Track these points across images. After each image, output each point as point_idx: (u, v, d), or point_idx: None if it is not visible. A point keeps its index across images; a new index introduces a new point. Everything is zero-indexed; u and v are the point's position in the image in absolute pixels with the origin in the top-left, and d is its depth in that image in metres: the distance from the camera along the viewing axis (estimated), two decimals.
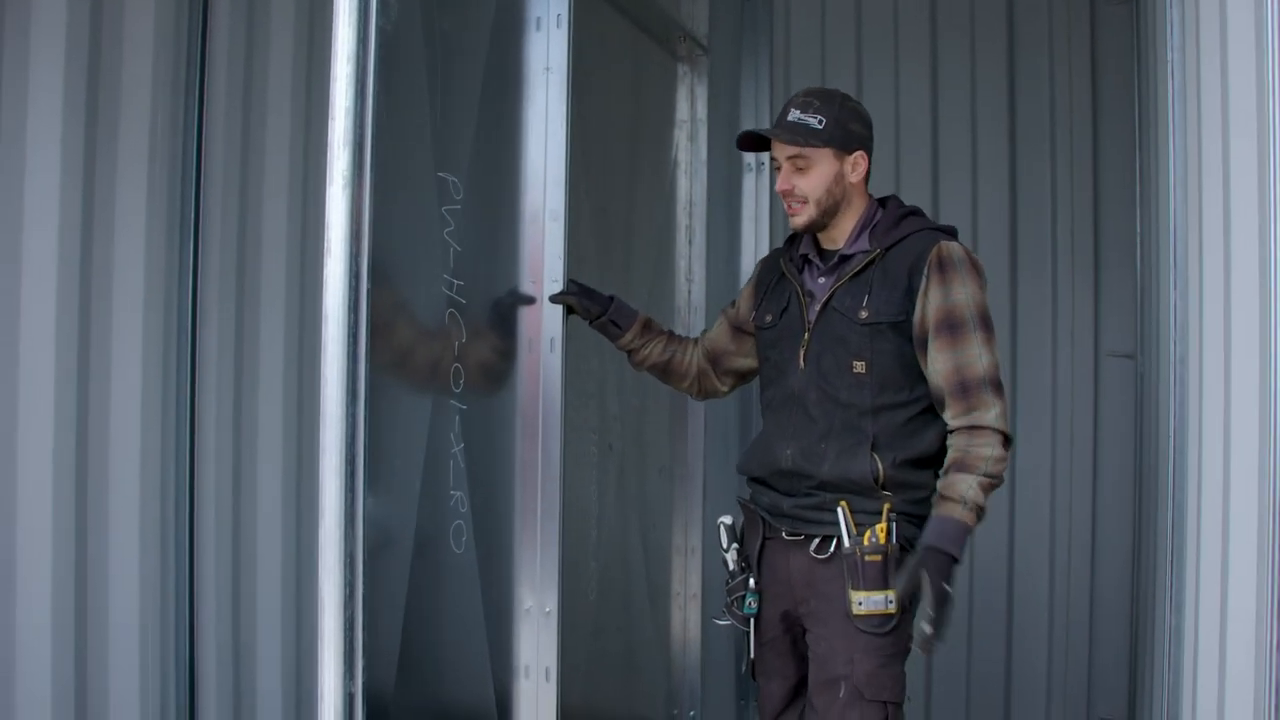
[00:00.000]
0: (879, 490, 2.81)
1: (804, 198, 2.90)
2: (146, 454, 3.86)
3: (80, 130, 3.63)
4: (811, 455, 2.87)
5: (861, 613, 2.77)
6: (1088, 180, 4.73)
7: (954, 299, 2.79)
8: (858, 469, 2.81)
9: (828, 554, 2.84)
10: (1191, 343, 2.74)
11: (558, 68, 2.89)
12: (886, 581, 2.76)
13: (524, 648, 2.85)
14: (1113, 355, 4.64)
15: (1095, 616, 4.73)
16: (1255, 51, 2.15)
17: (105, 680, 3.73)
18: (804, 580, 2.90)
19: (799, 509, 2.90)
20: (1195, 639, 2.66)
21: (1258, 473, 2.09)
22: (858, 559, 2.76)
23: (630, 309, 3.14)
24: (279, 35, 4.33)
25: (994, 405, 2.75)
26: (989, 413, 2.74)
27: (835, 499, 2.83)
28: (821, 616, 2.86)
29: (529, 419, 2.85)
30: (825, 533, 2.85)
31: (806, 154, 2.88)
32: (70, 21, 3.58)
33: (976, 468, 2.72)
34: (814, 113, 2.88)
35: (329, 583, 2.14)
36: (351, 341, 2.17)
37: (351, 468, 2.16)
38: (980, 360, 2.77)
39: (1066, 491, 4.76)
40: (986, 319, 2.82)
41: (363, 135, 2.21)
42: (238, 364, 4.25)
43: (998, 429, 2.74)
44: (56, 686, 3.55)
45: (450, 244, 2.61)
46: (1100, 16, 4.70)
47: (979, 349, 2.77)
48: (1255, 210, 2.15)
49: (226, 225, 4.19)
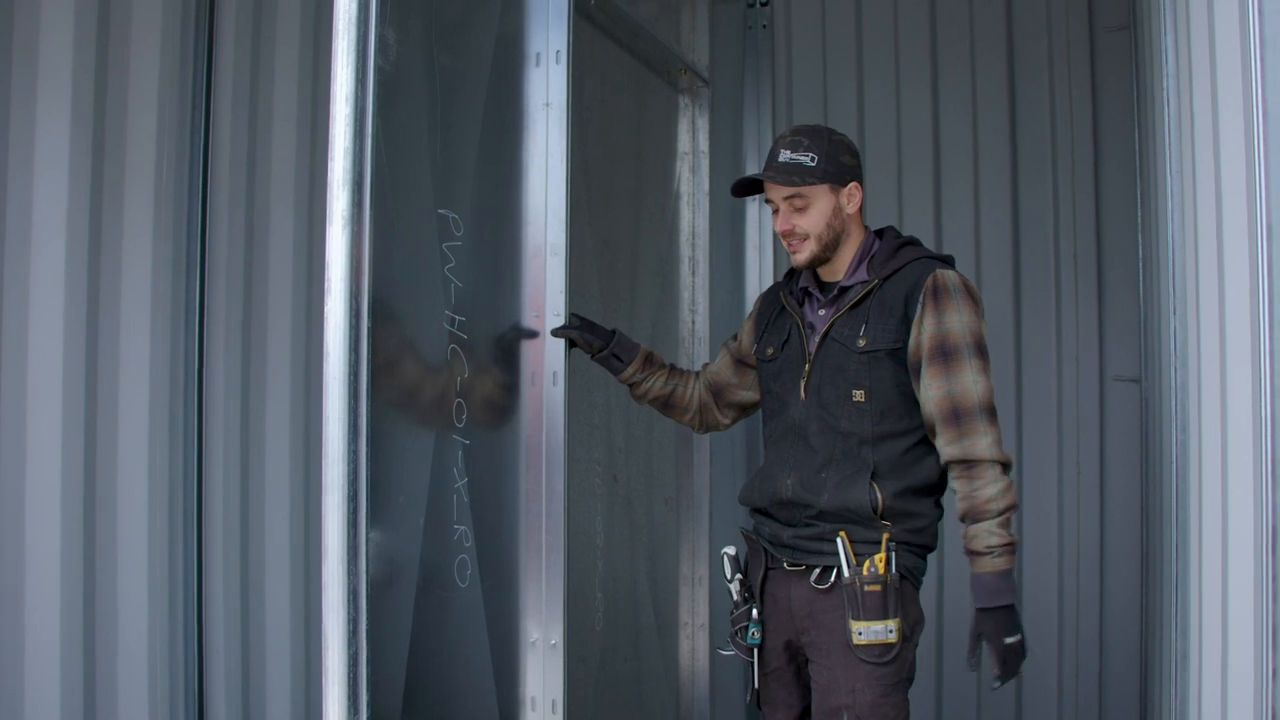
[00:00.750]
0: (878, 520, 2.82)
1: (805, 235, 2.92)
2: (154, 473, 3.87)
3: (87, 152, 3.66)
4: (811, 485, 2.89)
5: (862, 643, 2.77)
6: (1090, 205, 4.74)
7: (948, 326, 2.80)
8: (856, 498, 2.82)
9: (828, 584, 2.85)
10: (1190, 368, 2.74)
11: (557, 103, 2.91)
12: (887, 611, 2.77)
13: (530, 680, 2.85)
14: (1118, 380, 4.64)
15: (1105, 640, 4.71)
16: (1241, 79, 2.16)
17: (114, 698, 3.74)
18: (805, 611, 2.91)
19: (799, 539, 2.91)
20: (1200, 664, 2.65)
21: (1253, 501, 2.09)
22: (857, 589, 2.78)
23: (632, 343, 3.15)
24: (284, 55, 4.37)
25: (987, 434, 2.76)
26: (981, 441, 2.75)
27: (835, 529, 2.84)
28: (823, 647, 2.87)
29: (533, 452, 2.87)
30: (825, 563, 2.86)
31: (803, 192, 2.90)
32: (76, 44, 3.61)
33: (988, 512, 2.73)
34: (805, 150, 2.90)
35: (333, 619, 2.15)
36: (353, 380, 2.19)
37: (354, 505, 2.17)
38: (974, 387, 2.77)
39: (1074, 516, 4.75)
40: (982, 347, 2.82)
41: (362, 175, 2.23)
42: (245, 381, 4.28)
43: (993, 459, 2.74)
44: (65, 708, 3.56)
45: (451, 280, 2.63)
46: (1099, 42, 4.72)
47: (973, 376, 2.78)
48: (1245, 236, 2.16)
49: (233, 244, 4.22)
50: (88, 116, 3.66)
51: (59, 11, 3.58)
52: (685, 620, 3.98)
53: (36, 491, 3.55)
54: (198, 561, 4.06)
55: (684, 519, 3.98)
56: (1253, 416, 2.07)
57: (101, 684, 3.69)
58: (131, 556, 3.80)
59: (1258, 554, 2.04)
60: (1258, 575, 2.04)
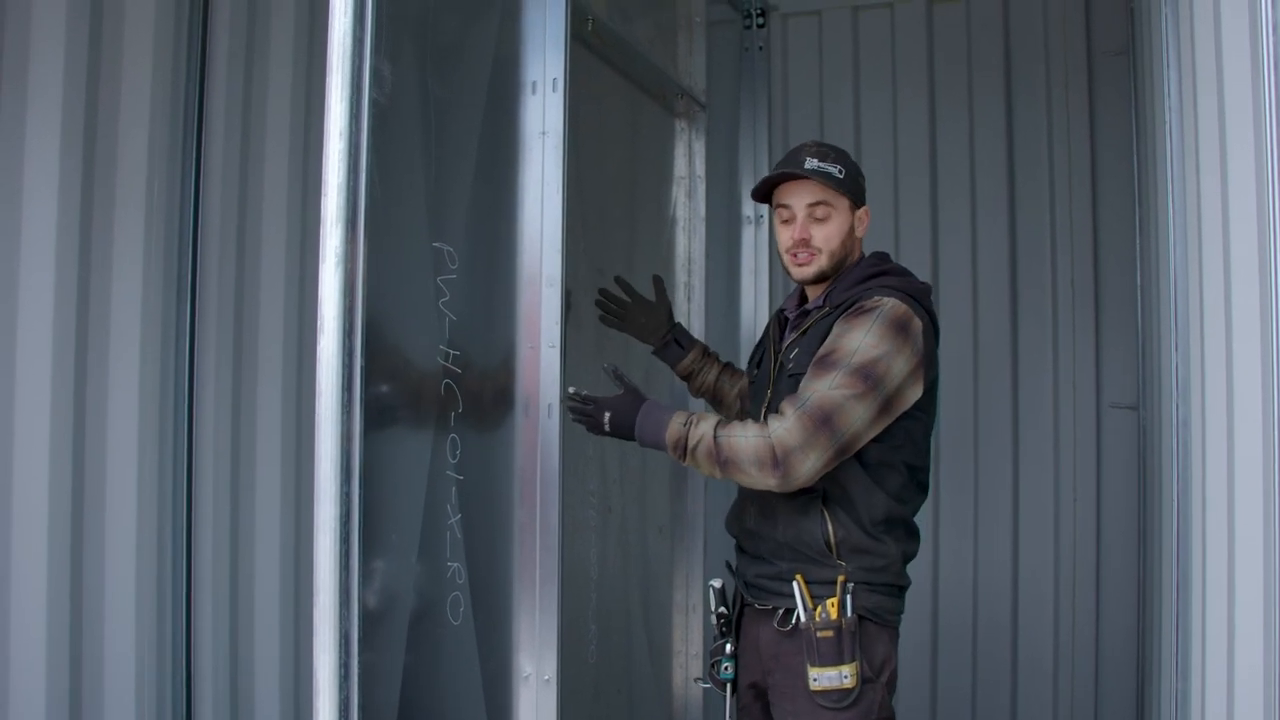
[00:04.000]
0: (833, 558, 2.77)
1: (819, 249, 2.86)
2: (143, 491, 3.82)
3: (77, 171, 3.61)
4: (768, 513, 2.87)
5: (818, 688, 2.73)
6: (1087, 231, 4.72)
7: (844, 340, 2.68)
8: (809, 529, 2.78)
9: (789, 627, 2.81)
10: (1194, 405, 2.72)
11: (554, 131, 2.87)
12: (842, 656, 2.72)
13: (523, 716, 2.81)
14: (1115, 407, 4.61)
15: (1101, 671, 4.68)
16: (1252, 110, 2.15)
17: (100, 698, 3.71)
18: (770, 652, 2.88)
19: (761, 579, 2.89)
20: (1202, 702, 2.63)
21: (1262, 538, 2.07)
22: (812, 634, 2.74)
23: (688, 334, 3.31)
24: (277, 75, 4.33)
25: (789, 420, 2.62)
26: (780, 424, 2.63)
27: (793, 569, 2.80)
28: (786, 690, 2.83)
29: (527, 485, 2.83)
30: (786, 605, 2.82)
31: (831, 200, 2.85)
32: (67, 66, 3.57)
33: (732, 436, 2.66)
34: (832, 162, 2.85)
35: (324, 662, 2.12)
36: (345, 419, 2.15)
37: (346, 546, 2.14)
38: (822, 387, 2.63)
39: (1070, 542, 4.72)
40: (866, 372, 2.63)
41: (355, 211, 2.19)
42: (235, 400, 4.23)
43: (771, 440, 2.62)
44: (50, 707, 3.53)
45: (446, 313, 2.59)
46: (1097, 67, 4.70)
47: (829, 383, 2.63)
48: (1255, 271, 2.14)
49: (224, 265, 4.18)
50: (78, 137, 3.62)
51: (49, 32, 3.54)
52: (679, 649, 3.95)
53: (24, 508, 3.50)
54: (186, 577, 4.02)
55: (678, 547, 3.95)
56: (1262, 458, 2.05)
57: (88, 697, 3.65)
58: (120, 574, 3.76)
59: (1268, 594, 2.01)
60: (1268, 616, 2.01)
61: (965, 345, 4.75)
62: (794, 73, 5.08)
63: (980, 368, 4.78)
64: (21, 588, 3.49)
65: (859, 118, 5.02)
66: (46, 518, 3.52)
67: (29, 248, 3.54)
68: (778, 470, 2.61)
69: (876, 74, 5.00)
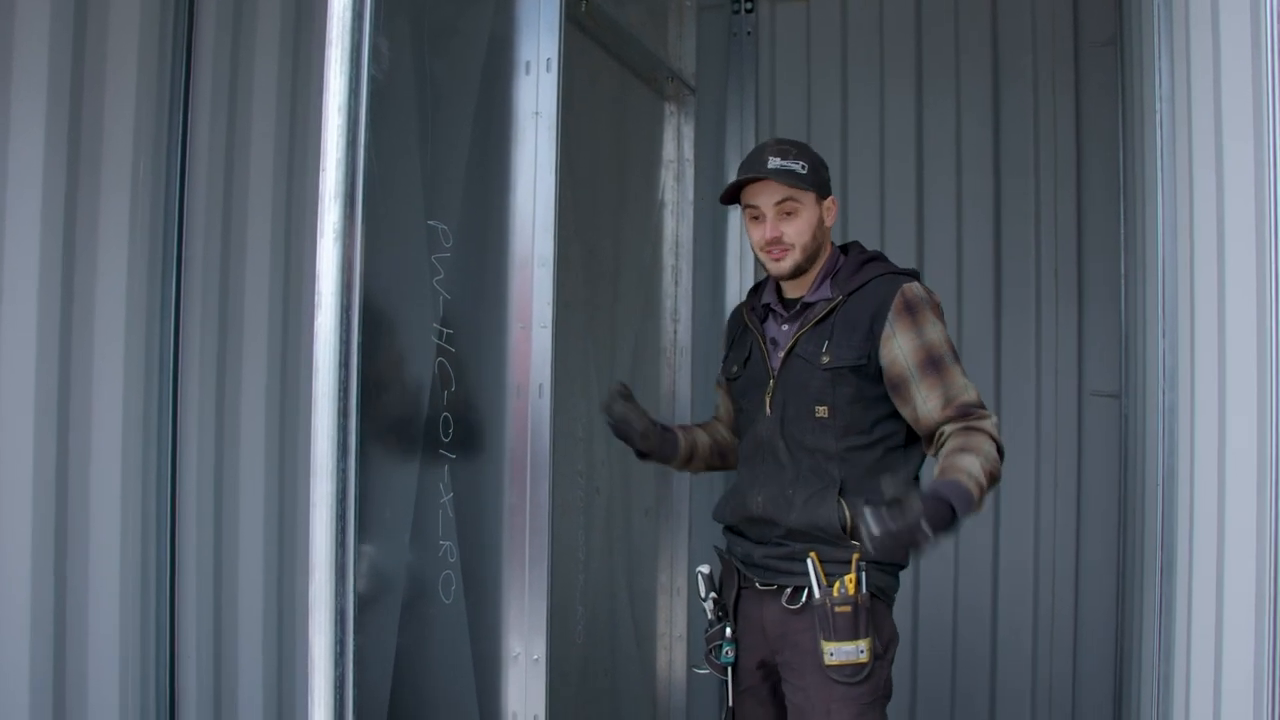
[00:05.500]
0: (847, 539, 2.81)
1: (791, 244, 2.92)
2: (127, 469, 3.80)
3: (63, 142, 3.58)
4: (779, 502, 2.89)
5: (834, 663, 2.77)
6: (1071, 220, 4.74)
7: (928, 338, 2.84)
8: (825, 516, 2.83)
9: (799, 605, 2.85)
10: (1182, 392, 2.74)
11: (547, 112, 2.86)
12: (858, 631, 2.77)
13: (512, 695, 2.81)
14: (1096, 395, 4.65)
15: (1079, 654, 4.72)
16: (1251, 99, 2.16)
17: (84, 692, 3.69)
18: (778, 631, 2.91)
19: (770, 559, 2.92)
20: (1187, 684, 2.65)
21: (1256, 529, 2.09)
22: (828, 610, 2.77)
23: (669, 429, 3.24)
24: (264, 57, 4.30)
25: (990, 416, 2.80)
26: (987, 421, 2.78)
27: (805, 549, 2.84)
28: (796, 667, 2.87)
29: (517, 465, 2.82)
30: (796, 583, 2.86)
31: (797, 197, 2.90)
32: (51, 49, 3.53)
33: (979, 450, 2.69)
34: (794, 159, 2.91)
35: (319, 640, 2.11)
36: (342, 395, 2.14)
37: (342, 524, 2.13)
38: (968, 389, 2.83)
39: (1050, 528, 4.76)
40: (956, 352, 2.90)
41: (354, 186, 2.18)
42: (220, 385, 4.20)
43: (995, 436, 2.75)
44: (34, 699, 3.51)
45: (440, 292, 2.59)
46: (1084, 57, 4.72)
47: (963, 380, 2.84)
48: (1253, 264, 2.16)
49: (209, 248, 4.14)
50: (63, 116, 3.58)
51: (34, 14, 3.51)
52: (663, 631, 3.96)
53: (7, 491, 3.48)
54: (170, 562, 3.99)
55: (663, 529, 3.95)
56: (1257, 446, 2.06)
57: (72, 688, 3.63)
58: (103, 558, 3.73)
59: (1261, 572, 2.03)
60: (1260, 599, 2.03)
61: (949, 331, 4.75)
62: (781, 59, 5.07)
63: (963, 353, 4.77)
64: (5, 569, 3.47)
65: (846, 105, 5.03)
66: (30, 491, 3.50)
67: (13, 227, 3.50)
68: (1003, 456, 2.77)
69: (863, 62, 5.00)
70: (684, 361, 3.98)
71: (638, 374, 3.75)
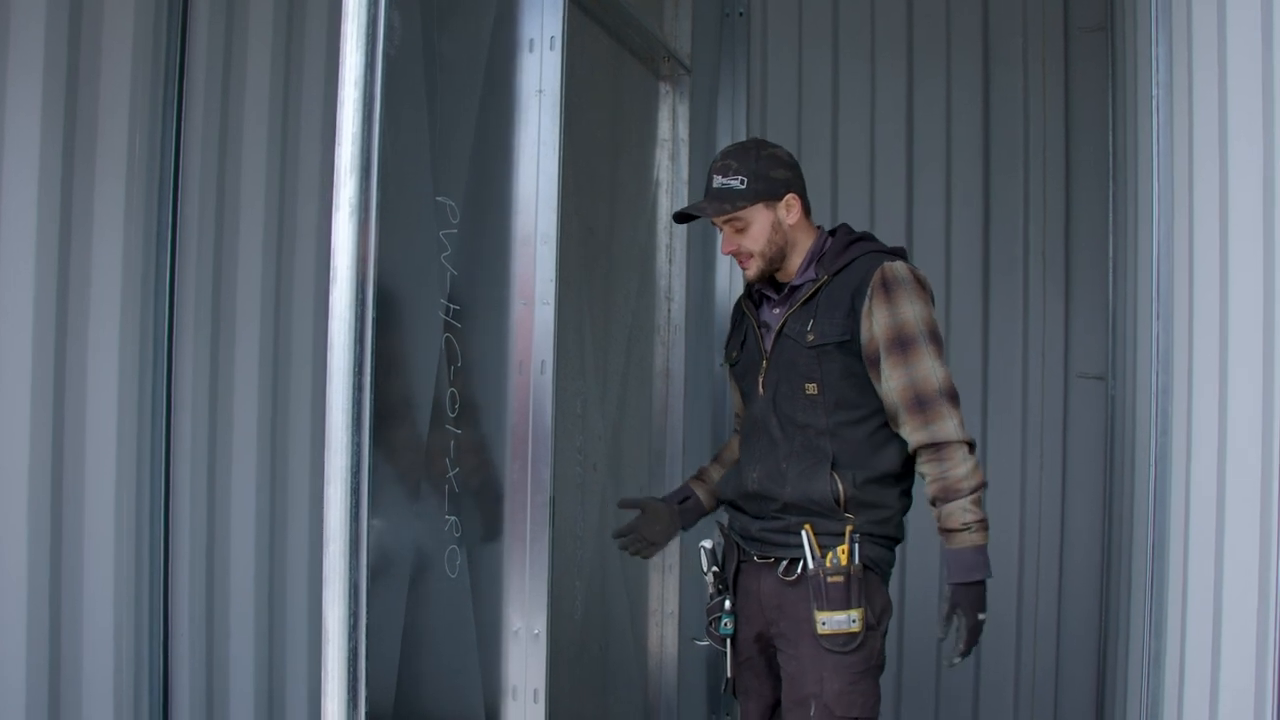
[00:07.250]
0: (841, 511, 2.90)
1: (749, 253, 3.01)
2: (122, 464, 3.80)
3: (58, 147, 3.58)
4: (774, 476, 2.97)
5: (826, 632, 2.85)
6: (1060, 203, 4.78)
7: (902, 317, 2.88)
8: (818, 489, 2.90)
9: (794, 576, 2.93)
10: (1178, 374, 2.77)
11: (550, 90, 2.88)
12: (850, 601, 2.85)
13: (513, 669, 2.84)
14: (1083, 377, 4.70)
15: (1062, 634, 4.78)
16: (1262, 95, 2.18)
17: (79, 689, 3.69)
18: (774, 602, 2.99)
19: (766, 532, 2.99)
20: (1181, 662, 2.69)
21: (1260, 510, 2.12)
22: (821, 580, 2.85)
23: (688, 492, 3.36)
24: (256, 50, 4.28)
25: (951, 416, 2.85)
26: (948, 423, 2.84)
27: (800, 522, 2.92)
28: (791, 637, 2.94)
29: (518, 441, 2.85)
30: (792, 555, 2.93)
31: (739, 215, 2.99)
32: (49, 13, 3.52)
33: (960, 490, 2.82)
34: (733, 175, 2.98)
35: (333, 613, 2.12)
36: (357, 371, 2.15)
37: (356, 498, 2.14)
38: (934, 374, 2.86)
39: (1035, 509, 4.81)
40: (935, 334, 2.92)
41: (369, 161, 2.19)
42: (213, 370, 4.20)
43: (959, 439, 2.84)
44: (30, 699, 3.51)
45: (447, 268, 2.60)
46: (1074, 43, 4.76)
47: (931, 363, 2.86)
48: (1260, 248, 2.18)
49: (204, 234, 4.14)
50: (59, 96, 3.57)
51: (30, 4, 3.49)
52: (655, 608, 3.99)
53: (1, 483, 3.48)
54: (164, 557, 4.01)
55: None
56: (1262, 420, 2.09)
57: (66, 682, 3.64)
58: (98, 552, 3.74)
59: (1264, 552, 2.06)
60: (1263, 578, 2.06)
61: (937, 313, 4.79)
62: (773, 40, 5.08)
63: (951, 336, 4.82)
64: (0, 563, 3.47)
65: (837, 86, 5.04)
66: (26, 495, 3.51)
67: (8, 214, 3.49)
68: (973, 452, 2.87)
69: (855, 45, 5.02)
70: (678, 340, 4.01)
71: (633, 352, 3.77)
